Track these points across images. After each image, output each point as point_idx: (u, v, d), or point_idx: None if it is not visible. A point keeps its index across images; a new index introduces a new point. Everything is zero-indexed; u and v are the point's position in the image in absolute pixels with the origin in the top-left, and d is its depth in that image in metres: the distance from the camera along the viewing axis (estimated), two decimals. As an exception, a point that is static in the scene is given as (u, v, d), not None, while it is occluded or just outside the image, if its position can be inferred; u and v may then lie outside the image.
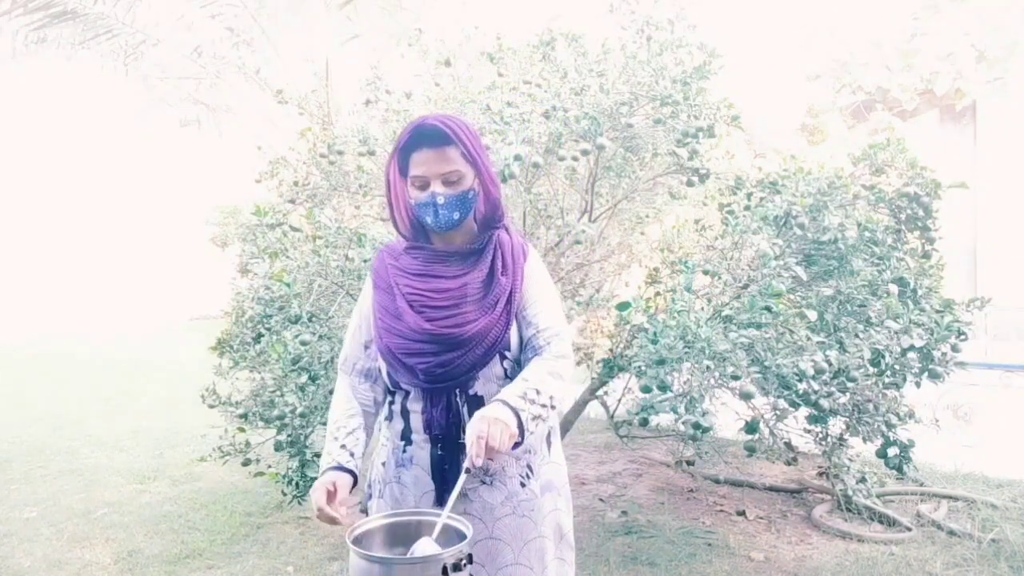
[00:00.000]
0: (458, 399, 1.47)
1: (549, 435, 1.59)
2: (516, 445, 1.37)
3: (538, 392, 1.42)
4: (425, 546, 1.21)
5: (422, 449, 1.50)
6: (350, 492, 1.45)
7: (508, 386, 1.43)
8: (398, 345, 1.48)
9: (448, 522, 1.23)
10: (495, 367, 1.49)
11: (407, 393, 1.52)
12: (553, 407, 1.46)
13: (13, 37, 7.43)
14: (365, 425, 1.55)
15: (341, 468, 1.46)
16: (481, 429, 1.29)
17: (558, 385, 1.47)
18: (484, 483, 1.48)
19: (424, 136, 1.46)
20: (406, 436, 1.52)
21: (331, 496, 1.40)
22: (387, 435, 1.59)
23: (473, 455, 1.28)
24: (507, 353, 1.50)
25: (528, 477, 1.51)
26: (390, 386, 1.56)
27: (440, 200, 1.46)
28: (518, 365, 1.52)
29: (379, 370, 1.58)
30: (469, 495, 1.46)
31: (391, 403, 1.57)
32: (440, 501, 1.44)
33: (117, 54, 7.73)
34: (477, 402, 1.46)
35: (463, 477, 1.31)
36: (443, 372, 1.45)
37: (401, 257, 1.58)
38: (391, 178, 1.53)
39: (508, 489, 1.49)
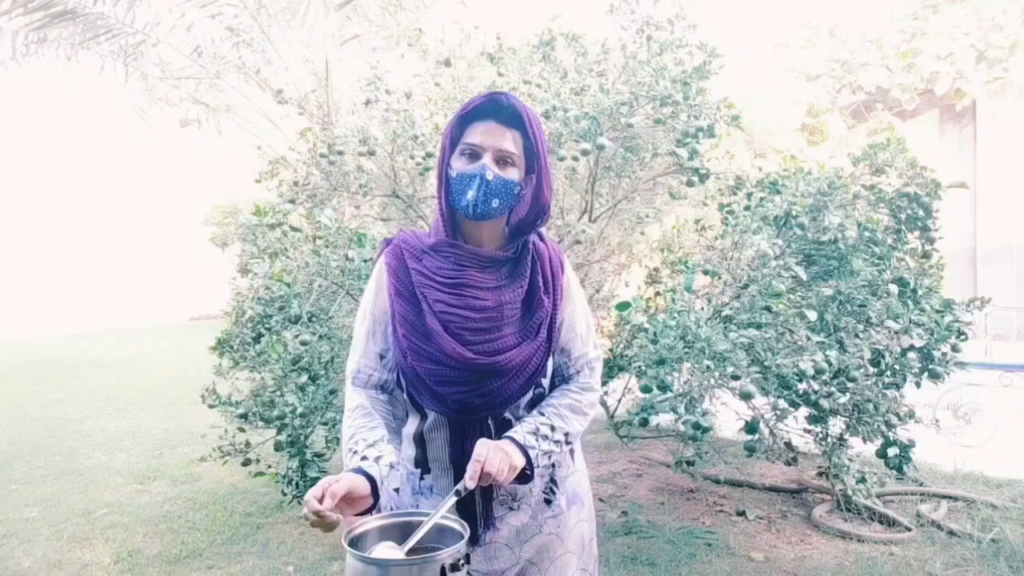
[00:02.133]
0: (491, 426, 1.35)
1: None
2: (525, 479, 1.31)
3: (553, 428, 1.33)
4: (384, 551, 1.12)
5: (443, 477, 1.38)
6: (370, 508, 1.19)
7: (521, 421, 1.35)
8: (428, 371, 1.31)
9: (445, 522, 1.22)
10: (526, 395, 1.38)
11: (424, 417, 1.38)
12: (568, 443, 1.37)
13: (13, 37, 7.44)
14: (390, 439, 1.33)
15: (358, 471, 1.22)
16: (480, 453, 1.23)
17: (577, 420, 1.38)
18: (511, 509, 1.39)
19: (496, 109, 1.31)
20: (421, 463, 1.40)
21: (339, 500, 1.14)
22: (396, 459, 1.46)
23: (467, 476, 1.21)
24: (542, 381, 1.40)
25: (553, 492, 1.43)
26: (408, 408, 1.42)
27: (489, 175, 1.28)
28: (546, 390, 1.43)
29: (396, 384, 1.41)
30: (497, 523, 1.38)
31: (400, 425, 1.45)
32: (472, 537, 1.32)
33: (117, 54, 7.74)
34: (507, 426, 1.35)
35: (452, 499, 1.21)
36: (481, 403, 1.32)
37: (426, 258, 1.36)
38: (444, 145, 1.36)
39: (533, 508, 1.41)
